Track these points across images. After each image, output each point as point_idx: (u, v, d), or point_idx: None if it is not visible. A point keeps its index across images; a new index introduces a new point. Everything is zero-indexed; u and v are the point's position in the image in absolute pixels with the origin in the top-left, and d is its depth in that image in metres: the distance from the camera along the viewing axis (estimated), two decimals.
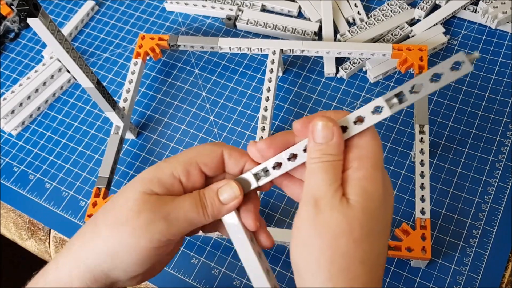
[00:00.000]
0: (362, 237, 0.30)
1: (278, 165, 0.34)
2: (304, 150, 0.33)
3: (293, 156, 0.34)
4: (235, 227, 0.35)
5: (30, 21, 0.43)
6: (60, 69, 0.70)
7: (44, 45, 0.74)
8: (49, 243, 0.61)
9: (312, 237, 0.31)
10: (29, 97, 0.68)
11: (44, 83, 0.69)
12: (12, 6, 0.41)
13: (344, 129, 0.32)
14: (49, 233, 0.61)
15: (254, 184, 0.35)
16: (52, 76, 0.69)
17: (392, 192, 0.34)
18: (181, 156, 0.36)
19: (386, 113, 0.31)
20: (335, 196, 0.31)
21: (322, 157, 0.31)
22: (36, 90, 0.68)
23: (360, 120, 0.32)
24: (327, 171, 0.31)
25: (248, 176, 0.35)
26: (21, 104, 0.67)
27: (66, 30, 0.74)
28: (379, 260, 0.32)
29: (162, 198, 0.34)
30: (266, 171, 0.35)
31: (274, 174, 0.34)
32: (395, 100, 0.31)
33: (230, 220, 0.35)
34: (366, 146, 0.32)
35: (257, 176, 0.35)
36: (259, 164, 0.35)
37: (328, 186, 0.31)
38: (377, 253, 0.31)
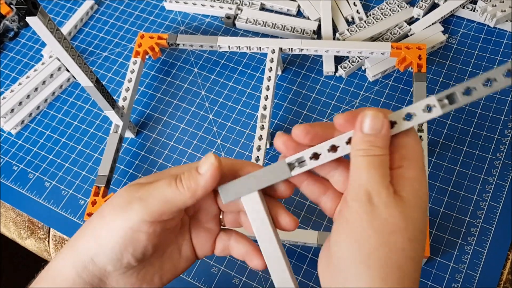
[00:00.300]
0: (415, 235, 0.30)
1: (315, 156, 0.33)
2: (347, 143, 0.32)
3: (333, 148, 0.32)
4: (256, 211, 0.34)
5: (29, 19, 0.43)
6: (59, 68, 0.70)
7: (43, 44, 0.74)
8: (48, 241, 0.61)
9: (366, 232, 0.30)
10: (28, 96, 0.68)
11: (44, 82, 0.69)
12: (11, 5, 0.41)
13: (391, 124, 0.32)
14: (49, 232, 0.61)
15: (287, 174, 0.33)
16: (51, 75, 0.69)
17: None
18: (190, 164, 0.36)
19: (437, 112, 0.31)
20: (389, 193, 0.30)
21: (370, 149, 0.31)
22: (36, 89, 0.68)
23: (404, 118, 0.32)
24: (378, 166, 0.31)
25: (281, 165, 0.34)
26: (20, 103, 0.67)
27: (65, 29, 0.74)
28: (421, 258, 0.32)
29: (143, 183, 0.35)
30: (301, 162, 0.33)
31: (311, 164, 0.33)
32: (446, 101, 0.31)
33: (251, 204, 0.34)
34: (412, 148, 0.32)
35: (291, 166, 0.33)
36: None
37: (381, 181, 0.30)
38: (421, 253, 0.31)
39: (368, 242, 0.30)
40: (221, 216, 0.39)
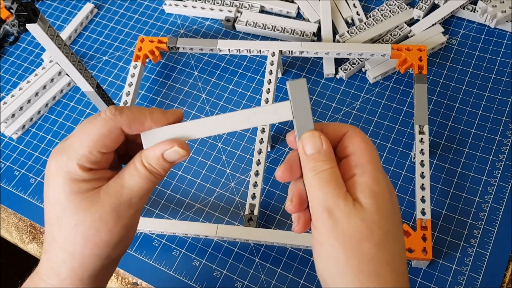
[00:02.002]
0: (383, 238, 0.31)
1: None
2: None
3: None
4: None
5: (29, 26, 0.43)
6: (60, 73, 0.70)
7: (43, 49, 0.74)
8: None
9: (335, 248, 0.31)
10: (29, 101, 0.68)
11: (44, 87, 0.69)
12: (11, 10, 0.41)
13: None
14: None
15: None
16: (52, 80, 0.69)
17: (394, 191, 0.34)
18: (76, 147, 0.33)
19: None
20: (347, 203, 0.31)
21: (317, 166, 0.32)
22: (36, 94, 0.68)
23: None
24: (329, 180, 0.32)
25: None
26: (21, 108, 0.67)
27: (65, 33, 0.74)
28: (402, 260, 0.32)
29: (113, 193, 0.34)
30: None
31: None
32: None
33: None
34: (362, 151, 0.33)
35: None
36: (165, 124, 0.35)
37: (336, 194, 0.31)
38: (399, 253, 0.32)
39: (339, 257, 0.31)
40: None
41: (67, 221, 0.33)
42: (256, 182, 0.55)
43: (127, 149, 0.37)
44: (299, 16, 0.72)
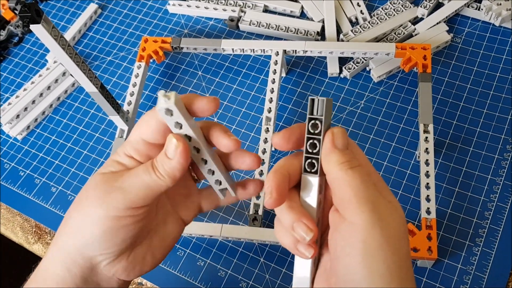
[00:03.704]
0: (408, 237, 0.31)
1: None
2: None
3: None
4: None
5: (32, 27, 0.43)
6: (64, 73, 0.70)
7: (48, 49, 0.75)
8: None
9: (380, 243, 0.29)
10: (33, 102, 0.68)
11: (49, 87, 0.69)
12: (15, 11, 0.41)
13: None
14: None
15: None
16: (56, 80, 0.70)
17: None
18: (129, 137, 0.36)
19: None
20: (385, 200, 0.31)
21: (351, 161, 0.31)
22: (41, 95, 0.69)
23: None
24: (366, 176, 0.31)
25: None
26: (26, 109, 0.68)
27: (69, 34, 0.74)
28: None
29: (117, 172, 0.35)
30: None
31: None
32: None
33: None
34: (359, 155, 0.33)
35: None
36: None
37: (375, 189, 0.31)
38: None
39: (383, 252, 0.29)
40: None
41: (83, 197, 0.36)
42: None
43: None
44: (302, 15, 0.72)
